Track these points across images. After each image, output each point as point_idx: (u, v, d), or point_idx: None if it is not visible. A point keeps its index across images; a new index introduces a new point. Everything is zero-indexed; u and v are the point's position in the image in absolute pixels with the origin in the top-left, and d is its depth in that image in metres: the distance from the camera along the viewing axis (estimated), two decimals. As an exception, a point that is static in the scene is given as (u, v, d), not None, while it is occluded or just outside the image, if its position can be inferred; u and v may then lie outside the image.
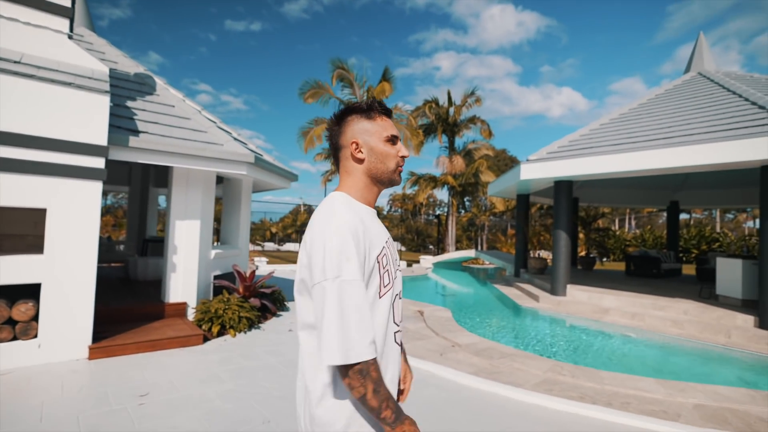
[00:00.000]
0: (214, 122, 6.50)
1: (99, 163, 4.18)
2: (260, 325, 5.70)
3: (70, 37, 4.40)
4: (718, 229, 28.37)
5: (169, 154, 4.86)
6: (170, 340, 4.54)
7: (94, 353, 4.08)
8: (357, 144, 1.13)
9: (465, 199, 29.00)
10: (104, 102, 4.20)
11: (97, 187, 4.18)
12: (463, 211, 31.60)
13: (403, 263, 18.20)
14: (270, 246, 32.22)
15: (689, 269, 15.28)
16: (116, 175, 10.20)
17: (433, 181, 21.68)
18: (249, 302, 5.73)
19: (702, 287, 8.56)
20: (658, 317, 6.71)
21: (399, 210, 43.70)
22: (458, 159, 20.71)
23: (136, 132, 4.76)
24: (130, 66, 6.33)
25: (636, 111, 9.24)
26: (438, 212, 41.95)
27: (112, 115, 4.79)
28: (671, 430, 3.07)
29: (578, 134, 8.96)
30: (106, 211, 32.41)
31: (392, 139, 1.14)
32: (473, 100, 20.18)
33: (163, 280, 5.57)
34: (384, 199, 40.79)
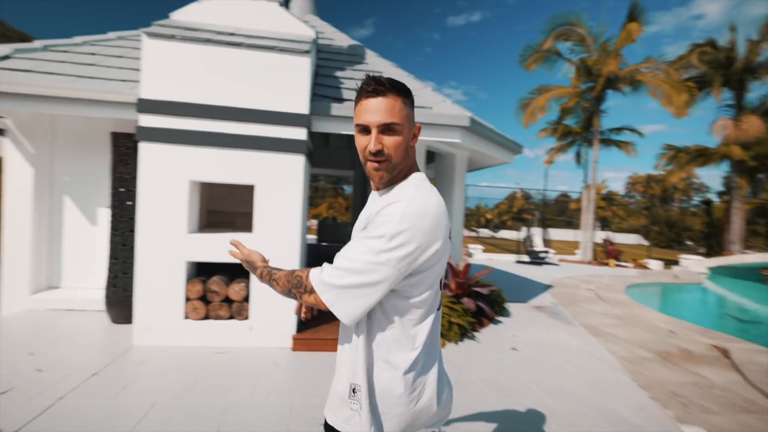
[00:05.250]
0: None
1: (301, 134, 3.76)
2: (475, 334, 4.49)
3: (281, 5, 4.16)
4: None
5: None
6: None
7: (298, 344, 3.71)
8: None
9: (757, 177, 20.20)
10: (305, 65, 3.73)
11: (300, 160, 3.78)
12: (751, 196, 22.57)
13: (656, 263, 13.94)
14: (485, 232, 31.30)
15: None
16: (339, 159, 10.57)
17: (702, 156, 15.77)
18: (461, 303, 4.61)
19: None
20: None
21: (639, 195, 35.55)
22: (752, 120, 14.39)
23: (340, 100, 4.23)
24: (343, 40, 6.10)
25: None
26: (697, 197, 32.46)
27: (318, 85, 4.42)
28: None
29: None
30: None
31: (362, 129, 0.97)
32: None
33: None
34: (619, 182, 33.91)
